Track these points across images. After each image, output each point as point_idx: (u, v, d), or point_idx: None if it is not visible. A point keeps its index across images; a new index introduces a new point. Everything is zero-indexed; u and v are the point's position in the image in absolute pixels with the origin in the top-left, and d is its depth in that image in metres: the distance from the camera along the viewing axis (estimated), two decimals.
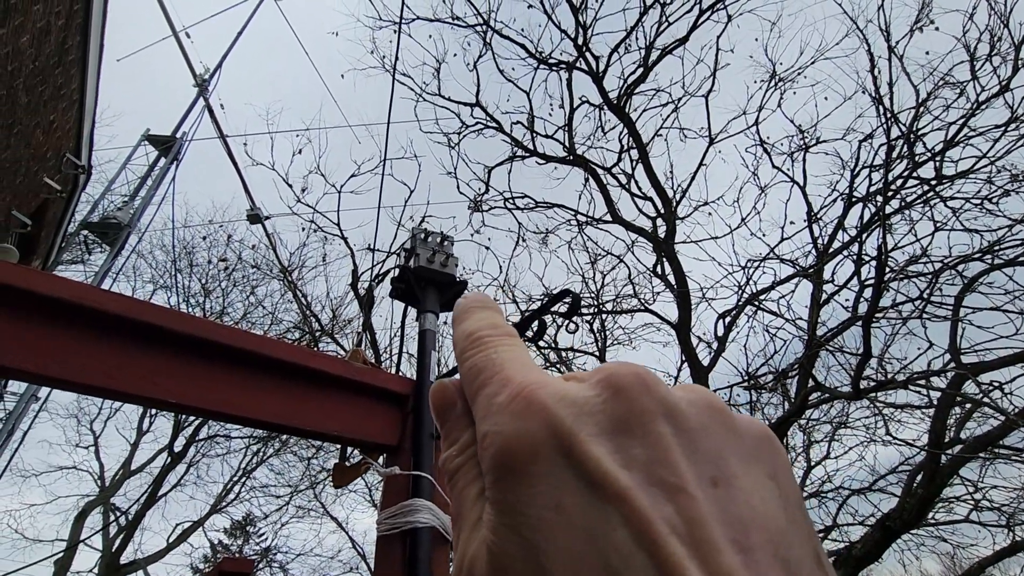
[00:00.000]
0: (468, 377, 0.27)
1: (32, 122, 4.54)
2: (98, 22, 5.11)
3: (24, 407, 5.22)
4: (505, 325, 0.29)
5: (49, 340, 1.35)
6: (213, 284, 11.10)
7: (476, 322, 0.29)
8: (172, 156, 7.19)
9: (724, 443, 0.22)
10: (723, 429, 0.23)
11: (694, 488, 0.20)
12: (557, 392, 0.23)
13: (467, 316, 0.30)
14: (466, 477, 0.26)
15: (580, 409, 0.22)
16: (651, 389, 0.22)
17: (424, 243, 2.14)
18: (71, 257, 7.82)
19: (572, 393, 0.23)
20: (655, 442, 0.21)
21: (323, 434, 1.71)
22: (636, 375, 0.23)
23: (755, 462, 0.23)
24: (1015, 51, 4.75)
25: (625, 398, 0.22)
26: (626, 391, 0.22)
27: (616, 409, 0.22)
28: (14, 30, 3.61)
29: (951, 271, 5.10)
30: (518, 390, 0.23)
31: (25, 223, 5.18)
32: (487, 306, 0.31)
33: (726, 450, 0.22)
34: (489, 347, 0.27)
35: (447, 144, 6.78)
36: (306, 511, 12.57)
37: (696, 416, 0.23)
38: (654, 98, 6.57)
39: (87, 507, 11.92)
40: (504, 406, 0.23)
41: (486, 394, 0.25)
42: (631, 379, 0.23)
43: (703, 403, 0.23)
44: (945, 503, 6.45)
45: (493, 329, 0.28)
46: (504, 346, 0.27)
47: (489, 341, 0.27)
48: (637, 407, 0.22)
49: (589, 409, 0.22)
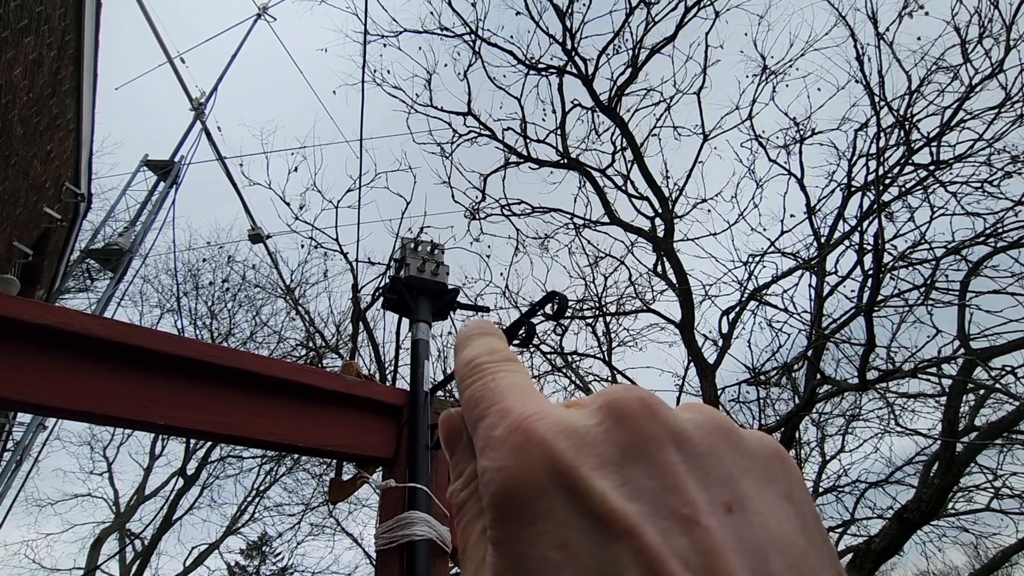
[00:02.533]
0: (467, 407, 0.26)
1: (29, 153, 4.59)
2: (90, 52, 5.17)
3: (32, 436, 5.24)
4: (504, 350, 0.28)
5: (46, 370, 1.35)
6: (219, 306, 11.16)
7: (475, 349, 0.28)
8: (171, 180, 7.26)
9: (735, 465, 0.22)
10: (733, 450, 0.22)
11: (707, 517, 0.19)
12: (557, 423, 0.21)
13: (467, 344, 0.29)
14: (470, 512, 0.25)
15: (582, 440, 0.21)
16: (656, 414, 0.21)
17: (414, 252, 2.13)
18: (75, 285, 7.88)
19: (573, 423, 0.21)
20: (663, 471, 0.20)
21: (318, 450, 1.69)
22: (639, 400, 0.22)
23: (768, 483, 0.22)
24: (1006, 31, 4.72)
25: (629, 426, 0.21)
26: (630, 418, 0.21)
27: (620, 438, 0.21)
28: (6, 63, 3.66)
29: (955, 256, 5.05)
30: (516, 423, 0.22)
31: (27, 253, 5.22)
32: (486, 332, 0.30)
33: (737, 472, 0.21)
34: (487, 375, 0.26)
35: (441, 154, 6.81)
36: (321, 528, 12.55)
37: (704, 439, 0.22)
38: (645, 98, 6.57)
39: (103, 534, 11.95)
40: (502, 440, 0.22)
41: (484, 426, 0.23)
42: (634, 405, 0.21)
43: (710, 425, 0.22)
44: (964, 492, 6.34)
45: (491, 355, 0.27)
46: (503, 372, 0.26)
47: (487, 368, 0.26)
48: (642, 435, 0.21)
49: (591, 439, 0.21)
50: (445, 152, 6.84)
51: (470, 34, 6.58)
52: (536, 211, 6.90)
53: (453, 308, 2.20)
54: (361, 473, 1.69)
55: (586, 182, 6.70)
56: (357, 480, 1.69)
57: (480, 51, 6.62)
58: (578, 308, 6.90)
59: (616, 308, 7.02)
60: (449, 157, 6.82)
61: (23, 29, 3.80)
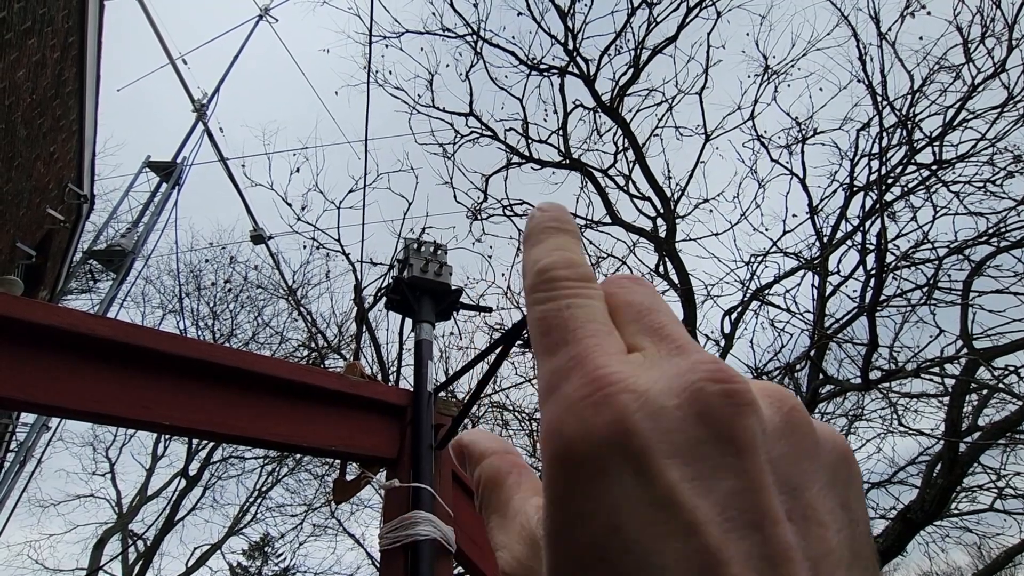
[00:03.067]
0: (534, 330, 0.24)
1: (32, 154, 4.61)
2: (93, 53, 5.19)
3: (36, 437, 5.25)
4: (583, 264, 0.25)
5: (50, 369, 1.36)
6: (221, 307, 11.18)
7: (551, 253, 0.25)
8: (173, 181, 7.27)
9: (807, 469, 0.21)
10: (806, 452, 0.21)
11: (773, 525, 0.18)
12: (637, 397, 0.20)
13: (540, 240, 0.26)
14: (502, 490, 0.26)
15: (658, 424, 0.19)
16: (740, 414, 0.20)
17: (417, 253, 2.14)
18: (78, 286, 7.90)
19: (654, 399, 0.20)
20: (737, 472, 0.19)
21: (322, 450, 1.70)
22: (726, 395, 0.20)
23: (831, 489, 0.21)
24: (1008, 31, 4.71)
25: (711, 420, 0.20)
26: (713, 415, 0.20)
27: (699, 433, 0.19)
28: (10, 65, 3.67)
29: (958, 255, 5.04)
30: (593, 385, 0.20)
31: (30, 254, 5.24)
32: (564, 228, 0.26)
33: (808, 477, 0.20)
34: (562, 298, 0.24)
35: (443, 155, 6.81)
36: (323, 529, 12.56)
37: (782, 440, 0.21)
38: (647, 98, 6.57)
39: (105, 535, 11.97)
40: (572, 400, 0.20)
41: (552, 369, 0.22)
42: (720, 399, 0.20)
43: (791, 421, 0.21)
44: (968, 492, 6.33)
45: (569, 270, 0.25)
46: (581, 299, 0.24)
47: (564, 288, 0.24)
48: (723, 434, 0.19)
49: (668, 425, 0.19)
50: (447, 153, 6.86)
51: (472, 35, 6.59)
52: None
53: (456, 309, 2.20)
54: (365, 473, 1.69)
55: (588, 182, 6.71)
56: (361, 480, 1.69)
57: (482, 52, 6.63)
58: None
59: None
60: (451, 158, 6.84)
61: (27, 31, 3.81)
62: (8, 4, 3.41)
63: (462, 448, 0.30)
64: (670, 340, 0.23)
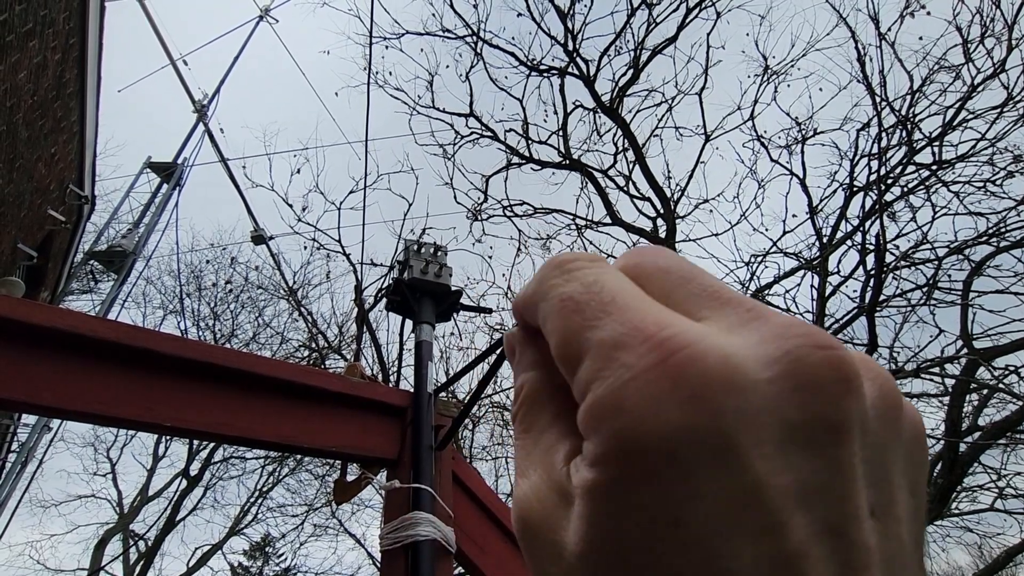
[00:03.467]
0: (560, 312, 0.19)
1: (33, 155, 4.62)
2: (94, 55, 5.20)
3: (37, 438, 5.27)
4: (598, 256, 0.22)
5: (52, 371, 1.36)
6: (222, 307, 11.19)
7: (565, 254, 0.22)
8: (174, 182, 7.29)
9: (893, 452, 0.19)
10: (895, 438, 0.19)
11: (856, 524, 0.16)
12: (723, 362, 0.16)
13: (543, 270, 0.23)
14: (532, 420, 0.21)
15: (747, 401, 0.16)
16: (849, 394, 0.17)
17: (417, 254, 2.14)
18: (79, 287, 7.92)
19: (742, 369, 0.16)
20: (833, 468, 0.16)
21: (323, 451, 1.70)
22: (832, 366, 0.17)
23: (905, 474, 0.19)
24: (1008, 31, 4.72)
25: (812, 398, 0.16)
26: (815, 389, 0.16)
27: (795, 415, 0.16)
28: (11, 67, 3.69)
29: (958, 255, 5.04)
30: (663, 350, 0.16)
31: (31, 255, 5.25)
32: None
33: (892, 466, 0.18)
34: (586, 275, 0.20)
35: (443, 155, 6.82)
36: (324, 529, 12.58)
37: (879, 426, 0.18)
38: (647, 98, 6.58)
39: (107, 535, 11.99)
40: (639, 370, 0.16)
41: (599, 341, 0.17)
42: (825, 372, 0.17)
43: (884, 406, 0.18)
44: (968, 492, 6.33)
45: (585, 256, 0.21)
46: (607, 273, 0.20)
47: (585, 268, 0.20)
48: (825, 420, 0.16)
49: (759, 404, 0.16)
50: (447, 153, 6.87)
51: (472, 36, 6.60)
52: (538, 212, 6.91)
53: (456, 310, 2.21)
54: (365, 474, 1.70)
55: (588, 183, 6.71)
56: (361, 481, 1.70)
57: (482, 53, 6.64)
58: None
59: None
60: (451, 158, 6.85)
61: (28, 33, 3.82)
62: (9, 6, 3.42)
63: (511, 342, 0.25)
64: (736, 304, 0.18)
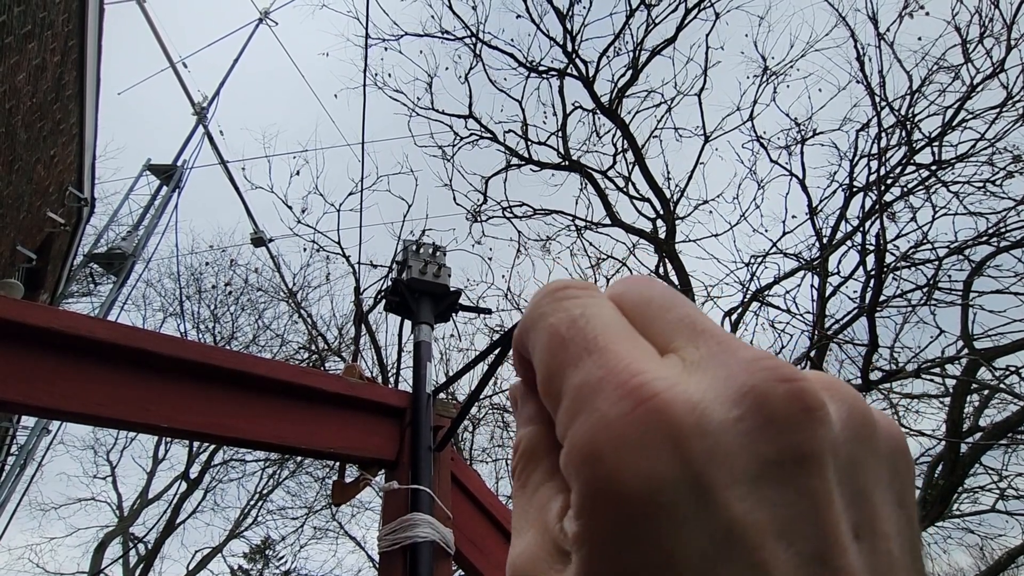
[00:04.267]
0: (547, 347, 0.20)
1: (33, 158, 4.62)
2: (93, 57, 5.20)
3: (36, 441, 5.26)
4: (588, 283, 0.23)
5: (46, 372, 1.36)
6: (222, 309, 11.19)
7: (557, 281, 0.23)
8: (174, 184, 7.29)
9: (870, 476, 0.19)
10: (870, 457, 0.19)
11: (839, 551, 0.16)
12: (689, 410, 0.17)
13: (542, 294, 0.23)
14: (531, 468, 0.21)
15: (717, 442, 0.16)
16: (816, 424, 0.17)
17: (416, 255, 2.14)
18: (79, 289, 7.91)
19: (707, 411, 0.17)
20: (808, 498, 0.17)
21: (321, 452, 1.70)
22: (796, 398, 0.17)
23: (891, 491, 0.19)
24: (1007, 31, 4.72)
25: (779, 432, 0.17)
26: (781, 422, 0.17)
27: (766, 450, 0.17)
28: (10, 69, 3.69)
29: (958, 256, 5.04)
30: (633, 399, 0.17)
31: (30, 258, 5.25)
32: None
33: (871, 485, 0.19)
34: (575, 308, 0.21)
35: (443, 157, 6.83)
36: (324, 531, 12.56)
37: (848, 448, 0.18)
38: (646, 99, 6.59)
39: (106, 538, 11.97)
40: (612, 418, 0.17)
41: (579, 383, 0.18)
42: (790, 409, 0.17)
43: (855, 425, 0.19)
44: (970, 493, 6.32)
45: (575, 283, 0.22)
46: (593, 307, 0.21)
47: (574, 298, 0.21)
48: (794, 452, 0.17)
49: (730, 442, 0.16)
50: (446, 155, 6.87)
51: (471, 37, 6.61)
52: (538, 213, 6.91)
53: (455, 310, 2.20)
54: (364, 475, 1.69)
55: (587, 184, 6.71)
56: (360, 482, 1.69)
57: (481, 54, 6.65)
58: None
59: None
60: (450, 160, 6.85)
61: (27, 35, 3.82)
62: (8, 8, 3.42)
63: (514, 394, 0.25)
64: (708, 335, 0.19)
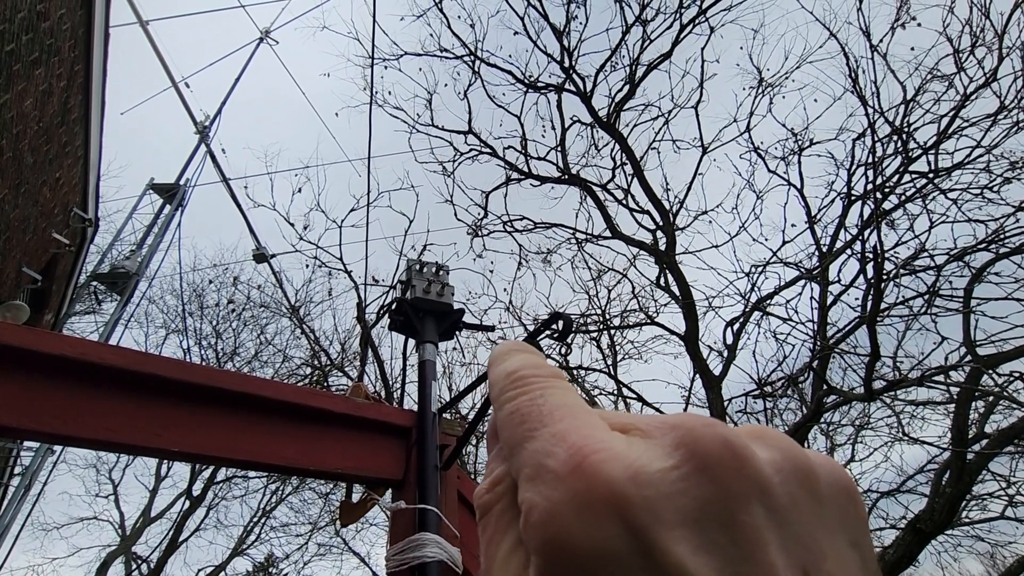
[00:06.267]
0: (508, 424, 0.23)
1: (39, 180, 4.68)
2: (99, 81, 5.29)
3: (41, 461, 5.26)
4: (549, 366, 0.26)
5: (57, 399, 1.38)
6: (224, 325, 11.21)
7: (516, 361, 0.26)
8: (177, 203, 7.35)
9: (812, 517, 0.20)
10: (810, 498, 0.20)
11: None
12: (626, 465, 0.18)
13: (505, 358, 0.27)
14: (496, 522, 0.23)
15: (656, 491, 0.18)
16: (743, 463, 0.19)
17: (419, 274, 2.16)
18: (83, 308, 7.95)
19: (644, 466, 0.18)
20: (746, 536, 0.18)
21: (328, 473, 1.71)
22: (725, 444, 0.19)
23: (839, 531, 0.20)
24: (998, 40, 4.78)
25: (712, 477, 0.18)
26: (712, 467, 0.18)
27: (701, 493, 0.18)
28: (18, 95, 3.75)
29: (958, 263, 5.05)
30: (576, 457, 0.19)
31: (36, 279, 5.29)
32: (527, 349, 0.28)
33: (814, 525, 0.19)
34: (534, 389, 0.23)
35: (443, 172, 6.88)
36: (328, 548, 12.46)
37: (786, 489, 0.19)
38: (644, 113, 6.65)
39: (109, 558, 11.88)
40: (559, 476, 0.19)
41: (533, 451, 0.21)
42: (719, 450, 0.19)
43: (790, 468, 0.20)
44: (978, 500, 6.27)
45: (538, 369, 0.25)
46: (553, 389, 0.23)
47: (534, 381, 0.24)
48: (727, 491, 0.18)
49: (667, 490, 0.18)
50: (447, 170, 6.93)
51: (469, 55, 6.69)
52: (538, 227, 6.95)
53: (459, 328, 2.22)
54: (371, 495, 1.70)
55: (587, 197, 6.76)
56: (367, 502, 1.70)
57: (479, 71, 6.73)
58: (582, 322, 6.92)
59: (620, 321, 7.03)
60: (451, 175, 6.90)
61: (34, 61, 3.90)
62: (16, 37, 3.49)
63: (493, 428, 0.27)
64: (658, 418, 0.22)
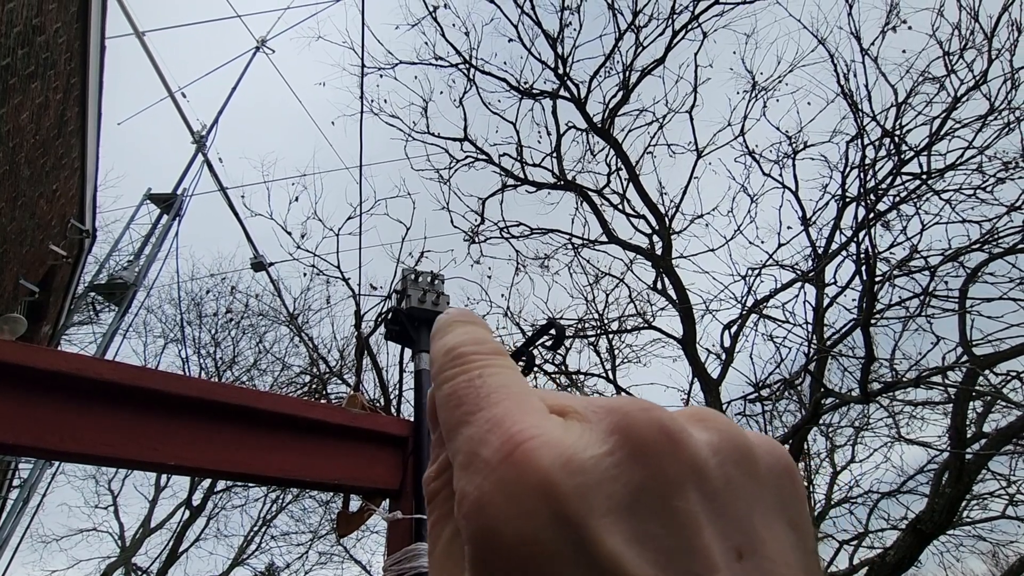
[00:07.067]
0: (445, 405, 0.22)
1: (35, 193, 4.69)
2: (95, 92, 5.31)
3: (40, 473, 5.25)
4: (492, 342, 0.24)
5: (54, 415, 1.38)
6: (222, 334, 11.20)
7: (457, 336, 0.24)
8: (174, 212, 7.36)
9: (749, 499, 0.19)
10: (748, 479, 0.20)
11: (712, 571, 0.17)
12: (559, 453, 0.18)
13: (447, 330, 0.25)
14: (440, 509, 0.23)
15: (588, 478, 0.17)
16: (678, 447, 0.18)
17: (415, 284, 2.18)
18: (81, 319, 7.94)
19: (577, 452, 0.18)
20: (680, 522, 0.17)
21: (325, 484, 1.71)
22: (660, 428, 0.18)
23: (777, 512, 0.20)
24: (988, 42, 4.82)
25: (646, 462, 0.18)
26: (647, 452, 0.18)
27: (634, 477, 0.18)
28: (14, 108, 3.77)
29: (953, 263, 5.07)
30: (508, 445, 0.18)
31: (33, 291, 5.29)
32: (471, 320, 0.26)
33: (751, 505, 0.19)
34: (472, 369, 0.22)
35: (439, 180, 6.91)
36: (328, 557, 12.40)
37: (722, 471, 0.19)
38: (638, 118, 6.69)
39: (109, 569, 11.81)
40: (490, 465, 0.18)
41: (467, 437, 0.20)
42: (654, 434, 0.18)
43: (728, 449, 0.20)
44: (979, 500, 6.27)
45: (478, 345, 0.23)
46: (492, 368, 0.22)
47: (473, 360, 0.23)
48: (662, 476, 0.18)
49: (600, 476, 0.17)
50: (443, 178, 6.95)
51: (464, 63, 6.73)
52: (535, 232, 6.97)
53: None
54: (368, 505, 1.70)
55: (583, 202, 6.78)
56: (364, 513, 1.71)
57: (474, 79, 6.77)
58: (580, 327, 6.93)
59: (618, 326, 7.05)
60: (447, 182, 6.93)
61: (30, 75, 3.91)
62: (12, 51, 3.51)
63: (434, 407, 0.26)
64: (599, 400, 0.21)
